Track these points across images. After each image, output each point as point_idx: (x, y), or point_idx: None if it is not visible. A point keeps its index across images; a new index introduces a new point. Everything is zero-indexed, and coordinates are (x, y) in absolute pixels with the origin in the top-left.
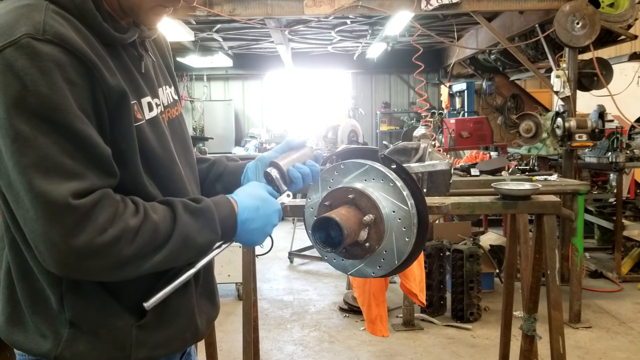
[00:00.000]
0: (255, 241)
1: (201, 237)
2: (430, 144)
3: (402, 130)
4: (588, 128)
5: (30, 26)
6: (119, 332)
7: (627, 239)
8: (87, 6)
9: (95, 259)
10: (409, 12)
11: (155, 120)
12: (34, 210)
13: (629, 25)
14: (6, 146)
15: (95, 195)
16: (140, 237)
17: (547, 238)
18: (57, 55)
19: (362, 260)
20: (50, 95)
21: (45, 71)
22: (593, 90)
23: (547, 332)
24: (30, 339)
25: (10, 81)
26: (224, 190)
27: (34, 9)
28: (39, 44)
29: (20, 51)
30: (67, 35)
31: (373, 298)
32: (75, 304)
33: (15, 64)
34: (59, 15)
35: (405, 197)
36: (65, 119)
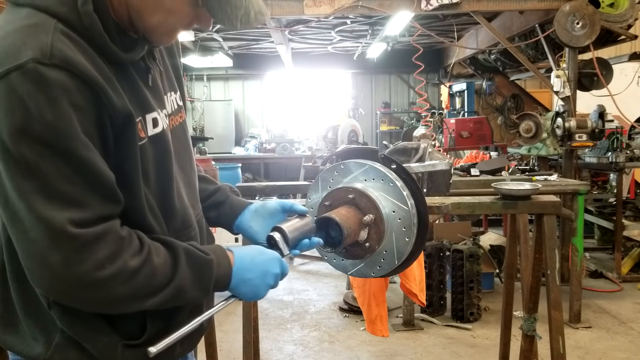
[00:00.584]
0: (256, 292)
1: (192, 292)
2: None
3: (402, 130)
4: (588, 128)
5: (37, 50)
6: (104, 347)
7: (627, 239)
8: (95, 28)
9: (87, 291)
10: (409, 12)
11: (158, 137)
12: (34, 231)
13: (629, 25)
14: (8, 170)
15: (99, 228)
16: (136, 280)
17: (547, 238)
18: (64, 80)
19: (362, 260)
20: (56, 122)
21: (51, 98)
22: (593, 90)
23: (547, 332)
24: (21, 341)
25: (15, 106)
26: (217, 218)
27: (41, 30)
28: (46, 69)
29: (26, 76)
30: (75, 60)
31: (373, 298)
32: (62, 316)
33: (21, 89)
34: (66, 36)
35: (405, 197)
36: (70, 147)
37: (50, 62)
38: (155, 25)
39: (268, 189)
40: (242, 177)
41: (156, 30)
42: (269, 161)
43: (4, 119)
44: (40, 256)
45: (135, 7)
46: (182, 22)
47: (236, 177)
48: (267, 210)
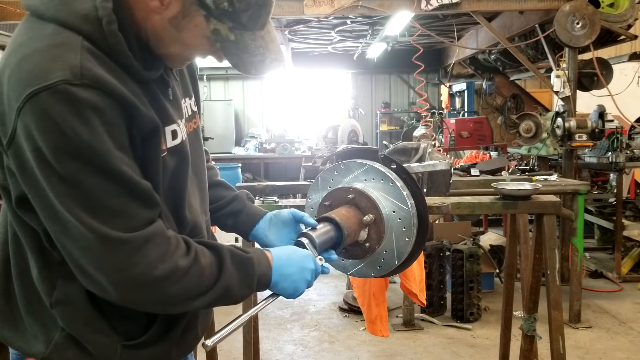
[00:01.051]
0: (296, 287)
1: (239, 290)
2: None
3: (402, 130)
4: (588, 128)
5: (67, 71)
6: (103, 348)
7: (627, 239)
8: (120, 47)
9: (142, 292)
10: (409, 12)
11: (177, 148)
12: (85, 240)
13: (629, 25)
14: (52, 185)
15: (148, 230)
16: (187, 279)
17: (547, 238)
18: (95, 99)
19: (362, 260)
20: (92, 141)
21: (84, 118)
22: (593, 90)
23: (547, 332)
24: (20, 337)
25: (50, 127)
26: (234, 226)
27: (69, 49)
28: (77, 89)
29: (56, 96)
30: (104, 78)
31: (373, 298)
32: (63, 315)
33: (53, 110)
34: (92, 54)
35: (405, 197)
36: (108, 163)
37: (81, 82)
38: (173, 54)
39: (268, 189)
40: (242, 177)
41: (173, 58)
42: (269, 161)
43: (40, 138)
44: (95, 263)
45: (155, 36)
46: (198, 54)
47: (236, 177)
48: (280, 219)
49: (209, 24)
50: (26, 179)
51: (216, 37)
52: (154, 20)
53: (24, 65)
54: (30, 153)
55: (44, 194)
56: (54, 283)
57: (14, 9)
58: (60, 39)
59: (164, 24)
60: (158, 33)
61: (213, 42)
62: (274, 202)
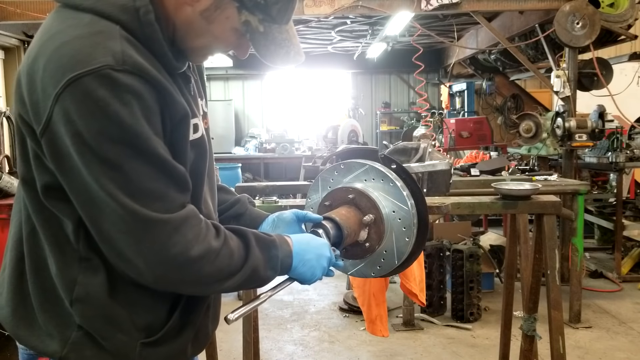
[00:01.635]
0: (313, 272)
1: (264, 272)
2: (430, 144)
3: (402, 130)
4: (588, 128)
5: (109, 56)
6: (123, 345)
7: (627, 239)
8: (155, 35)
9: (181, 272)
10: (409, 12)
11: (198, 141)
12: (123, 224)
13: (629, 25)
14: (91, 169)
15: (184, 212)
16: (220, 260)
17: (547, 238)
18: (136, 85)
19: (362, 260)
20: (133, 125)
21: (126, 102)
22: (593, 90)
23: (547, 332)
24: (35, 336)
25: (92, 111)
26: None
27: (109, 37)
28: (119, 74)
29: (99, 81)
30: (144, 66)
31: (373, 298)
32: (83, 313)
33: (95, 93)
34: (130, 42)
35: (405, 197)
36: (149, 147)
37: (123, 68)
38: (198, 47)
39: (268, 189)
40: (242, 177)
41: (196, 52)
42: (269, 161)
43: (82, 122)
44: (135, 245)
45: (183, 29)
46: (223, 47)
47: (236, 177)
48: (283, 220)
49: (241, 15)
50: (62, 165)
51: (246, 28)
52: (185, 12)
53: (64, 52)
54: (69, 138)
55: (81, 179)
56: (75, 279)
57: (14, 9)
58: (99, 27)
59: (194, 16)
60: (187, 25)
61: (242, 34)
62: (274, 202)
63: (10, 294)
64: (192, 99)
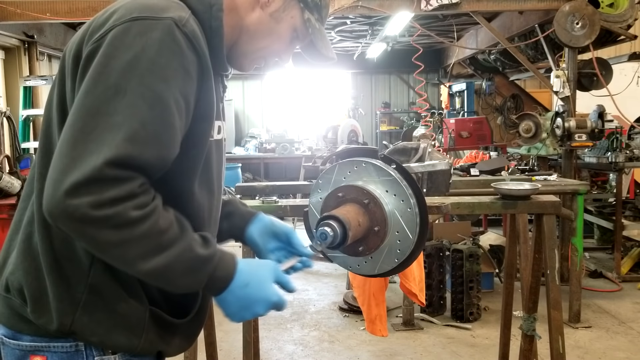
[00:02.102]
0: (228, 315)
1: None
2: (430, 144)
3: (402, 130)
4: (588, 128)
5: (176, 15)
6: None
7: (626, 238)
8: (219, 31)
9: (74, 223)
10: (409, 12)
11: (218, 143)
12: (72, 144)
13: (629, 25)
14: (95, 86)
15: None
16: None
17: (546, 238)
18: (187, 47)
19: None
20: (164, 68)
21: (171, 50)
22: (593, 90)
23: (546, 332)
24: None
25: (138, 42)
26: (229, 228)
27: (182, 9)
28: (177, 30)
29: (160, 25)
30: (200, 39)
31: (373, 298)
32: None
33: (151, 32)
34: (196, 24)
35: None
36: (163, 94)
37: (183, 29)
38: (259, 49)
39: (268, 189)
40: (242, 177)
41: (253, 54)
42: (269, 161)
43: (123, 51)
44: (61, 171)
45: (251, 30)
46: (277, 51)
47: (236, 177)
48: (273, 231)
49: (304, 14)
50: (83, 81)
51: (308, 25)
52: (256, 14)
53: (140, 3)
54: (103, 57)
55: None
56: None
57: (14, 9)
58: (175, 1)
59: (265, 17)
60: (256, 26)
61: (302, 31)
62: (274, 202)
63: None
64: (221, 104)
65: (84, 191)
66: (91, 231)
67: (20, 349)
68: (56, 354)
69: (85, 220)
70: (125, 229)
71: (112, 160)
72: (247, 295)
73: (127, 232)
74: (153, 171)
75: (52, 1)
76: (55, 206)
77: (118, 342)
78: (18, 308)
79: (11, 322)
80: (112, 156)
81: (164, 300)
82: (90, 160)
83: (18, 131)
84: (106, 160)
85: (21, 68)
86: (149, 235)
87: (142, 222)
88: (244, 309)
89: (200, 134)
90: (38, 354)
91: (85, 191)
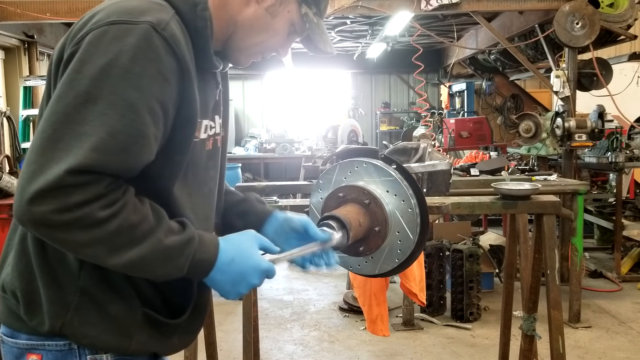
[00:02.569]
0: (224, 294)
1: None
2: (430, 144)
3: (402, 130)
4: (588, 128)
5: (154, 18)
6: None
7: (626, 238)
8: (205, 31)
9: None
10: (409, 12)
11: (203, 143)
12: (39, 150)
13: (629, 25)
14: (66, 93)
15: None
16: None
17: (546, 238)
18: (165, 52)
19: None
20: (139, 76)
21: (147, 56)
22: (593, 90)
23: (546, 332)
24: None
25: (113, 48)
26: (244, 227)
27: (163, 10)
28: (155, 35)
29: (137, 30)
30: (181, 42)
31: (374, 298)
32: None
33: (126, 38)
34: (179, 25)
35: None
36: (138, 102)
37: (162, 33)
38: (253, 44)
39: (268, 189)
40: (242, 177)
41: (249, 50)
42: (269, 161)
43: (97, 57)
44: (28, 177)
45: (246, 25)
46: (274, 46)
47: (236, 177)
48: (290, 225)
49: (301, 8)
50: (59, 84)
51: (305, 19)
52: (251, 9)
53: (120, 5)
54: (78, 61)
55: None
56: None
57: (14, 9)
58: (158, 3)
59: (260, 12)
60: (251, 22)
61: (300, 25)
62: (274, 202)
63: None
64: (215, 103)
65: (48, 198)
66: (60, 235)
67: (18, 347)
68: (50, 352)
69: (52, 225)
70: (94, 228)
71: (75, 169)
72: (236, 270)
73: (96, 231)
74: (121, 176)
75: (52, 1)
76: (22, 213)
77: (109, 344)
78: (14, 308)
79: (9, 321)
80: (76, 164)
81: (158, 300)
82: (55, 168)
83: (18, 131)
84: (70, 168)
85: (21, 68)
86: (120, 231)
87: (111, 220)
88: (237, 284)
89: (184, 138)
90: (34, 352)
91: (50, 198)
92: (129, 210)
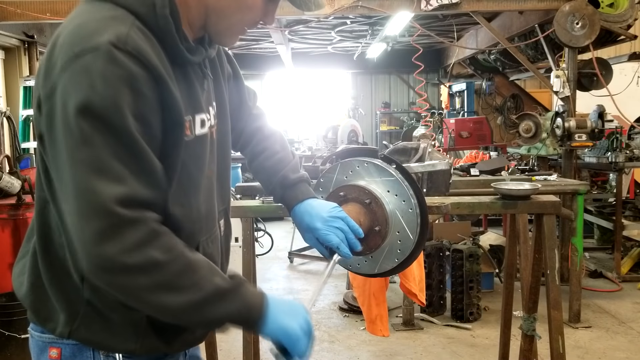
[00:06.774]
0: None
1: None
2: (430, 144)
3: (402, 130)
4: (588, 128)
5: (113, 35)
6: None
7: (626, 238)
8: (169, 27)
9: (111, 275)
10: (409, 12)
11: (203, 137)
12: (78, 201)
13: (629, 25)
14: (66, 141)
15: (137, 214)
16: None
17: (546, 238)
18: (133, 67)
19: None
20: (115, 99)
21: (118, 77)
22: (593, 90)
23: (546, 332)
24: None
25: (85, 82)
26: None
27: (121, 22)
28: (119, 53)
29: (99, 56)
30: (146, 51)
31: (373, 298)
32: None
33: (93, 67)
34: (141, 31)
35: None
36: (124, 125)
37: (124, 48)
38: (230, 25)
39: None
40: (242, 177)
41: (228, 30)
42: None
43: (72, 93)
44: (80, 228)
45: (217, 8)
46: (254, 19)
47: (236, 177)
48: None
49: None
50: (51, 139)
51: None
52: None
53: (78, 31)
54: (60, 110)
55: (60, 154)
56: None
57: (14, 9)
58: (113, 13)
59: None
60: (220, 5)
61: None
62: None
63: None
64: (204, 95)
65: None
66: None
67: (42, 341)
68: (69, 346)
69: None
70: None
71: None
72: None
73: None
74: (154, 199)
75: (52, 1)
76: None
77: (116, 347)
78: None
79: (33, 318)
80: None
81: None
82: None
83: (18, 131)
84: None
85: (21, 68)
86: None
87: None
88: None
89: (174, 142)
90: (54, 345)
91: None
92: None
